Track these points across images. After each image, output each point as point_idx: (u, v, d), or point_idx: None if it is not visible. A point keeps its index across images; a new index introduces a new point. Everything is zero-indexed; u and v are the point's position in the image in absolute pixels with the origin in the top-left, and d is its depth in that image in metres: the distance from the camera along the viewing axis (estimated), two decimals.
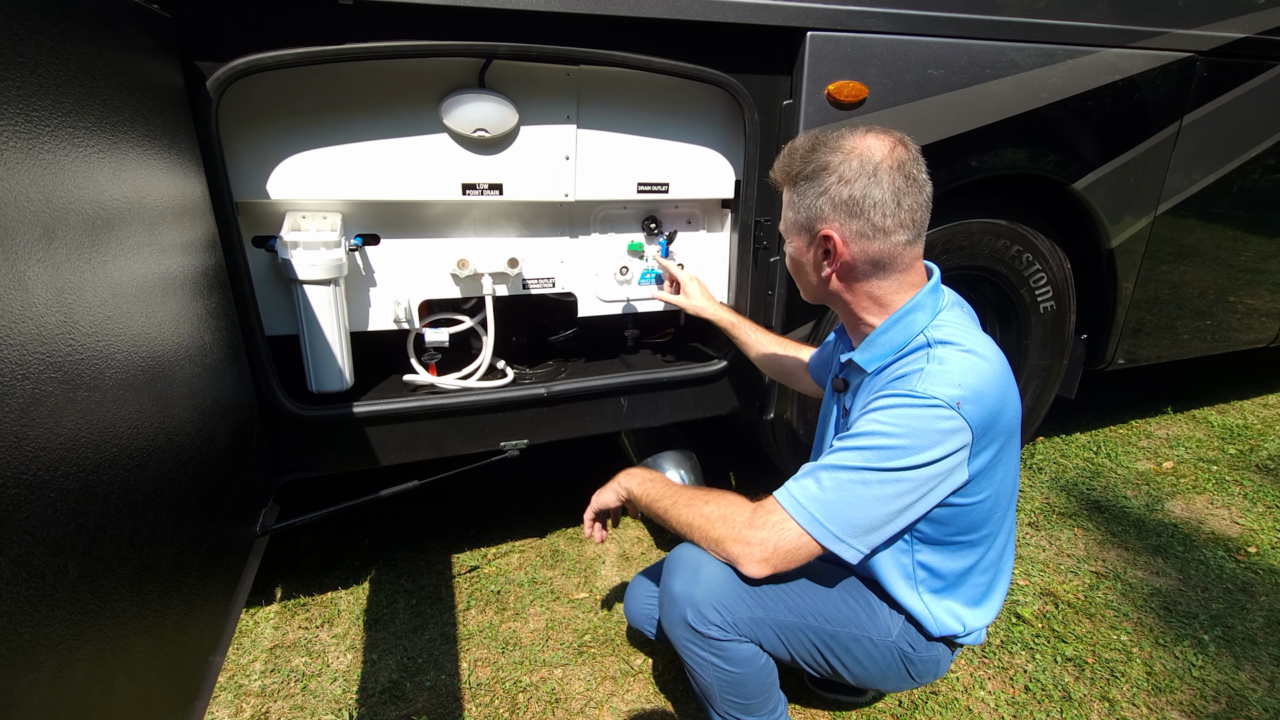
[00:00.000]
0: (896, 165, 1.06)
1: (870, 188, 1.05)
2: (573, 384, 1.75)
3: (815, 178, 1.09)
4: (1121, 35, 1.85)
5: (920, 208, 1.08)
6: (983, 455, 1.09)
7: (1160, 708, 1.55)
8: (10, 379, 0.60)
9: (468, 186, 1.55)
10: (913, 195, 1.07)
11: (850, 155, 1.07)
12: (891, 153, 1.06)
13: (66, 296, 0.72)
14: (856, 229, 1.08)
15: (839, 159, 1.07)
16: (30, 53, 0.71)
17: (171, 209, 1.07)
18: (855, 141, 1.08)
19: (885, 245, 1.09)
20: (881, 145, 1.07)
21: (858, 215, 1.07)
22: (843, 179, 1.06)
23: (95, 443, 0.74)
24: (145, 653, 0.81)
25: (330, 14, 1.26)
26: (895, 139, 1.08)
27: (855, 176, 1.06)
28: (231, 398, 1.27)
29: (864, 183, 1.05)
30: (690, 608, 1.18)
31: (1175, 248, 2.26)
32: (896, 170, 1.06)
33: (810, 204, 1.11)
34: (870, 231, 1.07)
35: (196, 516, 1.02)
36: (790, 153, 1.15)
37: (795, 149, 1.14)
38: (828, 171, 1.08)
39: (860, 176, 1.05)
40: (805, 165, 1.10)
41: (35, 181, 0.69)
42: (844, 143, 1.09)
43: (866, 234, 1.08)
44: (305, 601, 1.89)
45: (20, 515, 0.60)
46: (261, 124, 1.38)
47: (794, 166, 1.13)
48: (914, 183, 1.07)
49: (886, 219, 1.06)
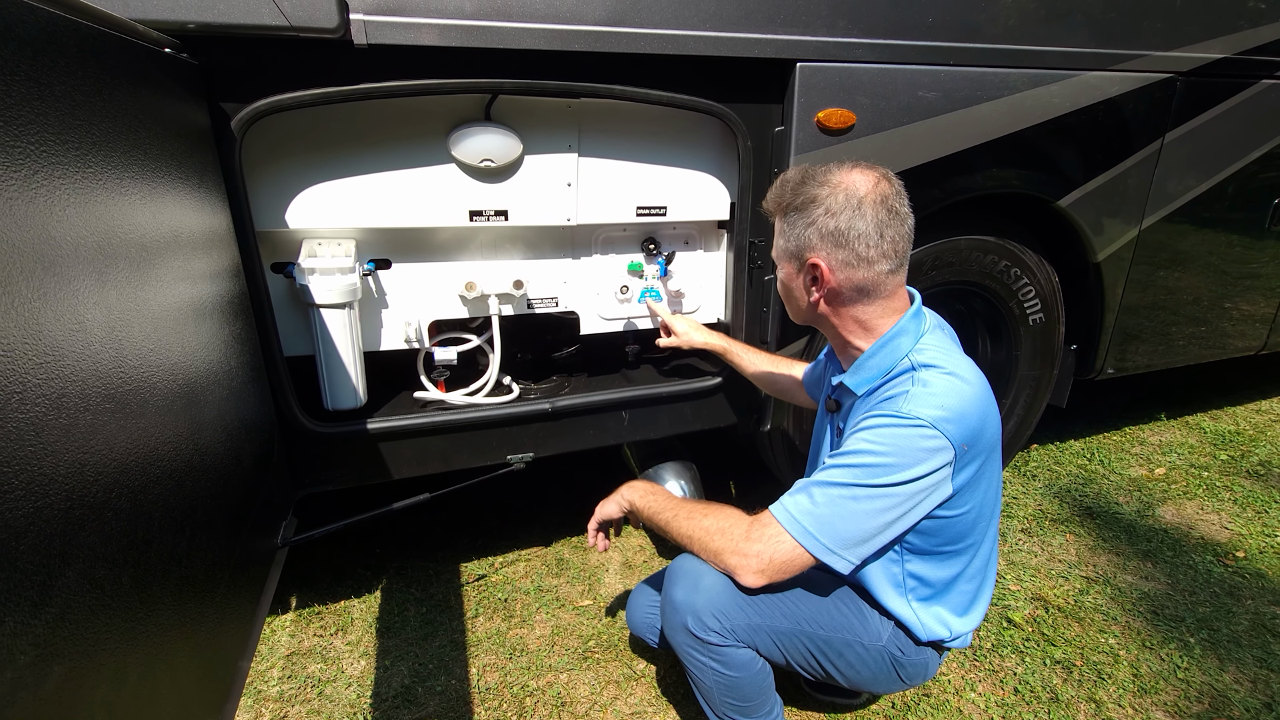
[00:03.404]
0: (880, 199, 1.13)
1: (855, 220, 1.13)
2: (576, 399, 1.82)
3: (804, 209, 1.17)
4: (1103, 58, 1.92)
5: (902, 239, 1.16)
6: (965, 471, 1.16)
7: (1145, 708, 1.61)
8: (74, 411, 0.68)
9: (475, 213, 1.63)
10: (895, 227, 1.14)
11: (836, 189, 1.14)
12: (875, 187, 1.14)
13: (117, 333, 0.80)
14: (842, 258, 1.15)
15: (826, 192, 1.15)
16: (85, 114, 0.79)
17: (202, 243, 1.15)
18: (841, 176, 1.16)
19: (869, 274, 1.16)
20: (866, 180, 1.14)
21: (843, 245, 1.14)
22: (829, 211, 1.14)
23: (141, 465, 0.82)
24: (185, 657, 0.89)
25: (346, 56, 1.34)
26: (879, 174, 1.16)
27: (841, 209, 1.13)
28: (254, 417, 1.35)
29: (849, 215, 1.13)
30: (691, 615, 1.25)
31: (1160, 260, 2.32)
32: (880, 204, 1.13)
33: (799, 234, 1.18)
34: (855, 261, 1.15)
35: (226, 530, 1.10)
36: (781, 184, 1.22)
37: (786, 181, 1.22)
38: (815, 204, 1.15)
39: (845, 210, 1.13)
40: (795, 197, 1.18)
41: (91, 231, 0.77)
42: (831, 177, 1.16)
43: (851, 263, 1.15)
44: (320, 610, 1.96)
45: (84, 533, 0.67)
46: (281, 158, 1.47)
47: (784, 198, 1.20)
48: (896, 215, 1.15)
49: (870, 249, 1.14)
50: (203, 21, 1.19)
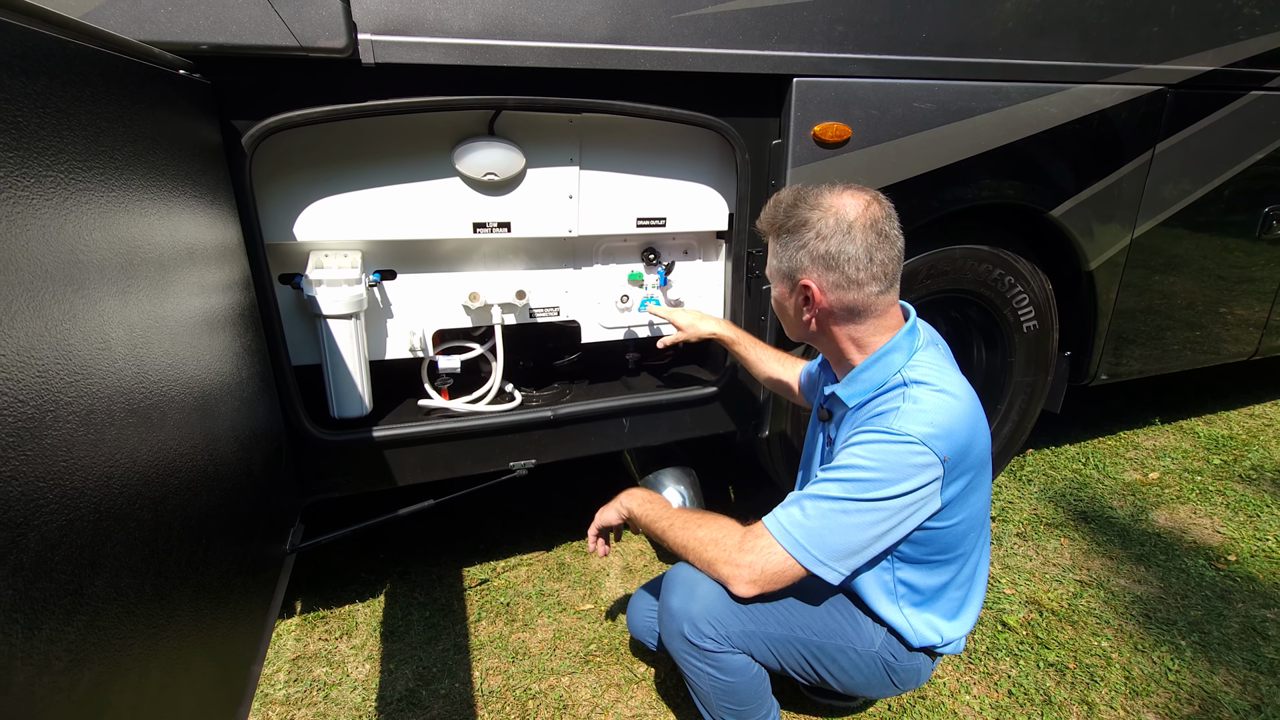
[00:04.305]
0: (870, 223, 1.16)
1: (844, 244, 1.16)
2: (577, 406, 1.85)
3: (796, 232, 1.20)
4: (1094, 72, 1.96)
5: (891, 261, 1.19)
6: (955, 485, 1.19)
7: (1137, 710, 1.64)
8: (101, 426, 0.71)
9: (478, 225, 1.66)
10: (884, 250, 1.17)
11: (827, 213, 1.17)
12: (865, 211, 1.17)
13: (139, 349, 0.83)
14: (833, 280, 1.19)
15: (817, 216, 1.18)
16: (109, 140, 0.82)
17: (214, 257, 1.19)
18: (832, 200, 1.19)
19: (859, 295, 1.19)
20: (856, 204, 1.17)
21: (833, 268, 1.17)
22: (820, 235, 1.17)
23: (161, 476, 0.85)
24: (202, 661, 0.92)
25: (354, 75, 1.37)
26: (869, 197, 1.19)
27: (831, 233, 1.16)
28: (264, 426, 1.38)
29: (839, 239, 1.16)
30: (687, 622, 1.28)
31: (1152, 268, 2.36)
32: (869, 228, 1.16)
33: (791, 255, 1.21)
34: (845, 283, 1.18)
35: (239, 538, 1.13)
36: (775, 205, 1.25)
37: (780, 202, 1.25)
38: (807, 227, 1.18)
39: (836, 234, 1.16)
40: (788, 219, 1.21)
41: (115, 253, 0.80)
42: (822, 200, 1.19)
43: (842, 285, 1.18)
44: (325, 615, 1.99)
45: (110, 544, 0.70)
46: (290, 173, 1.50)
47: (778, 219, 1.24)
48: (886, 238, 1.17)
49: (860, 272, 1.17)
50: (215, 43, 1.23)
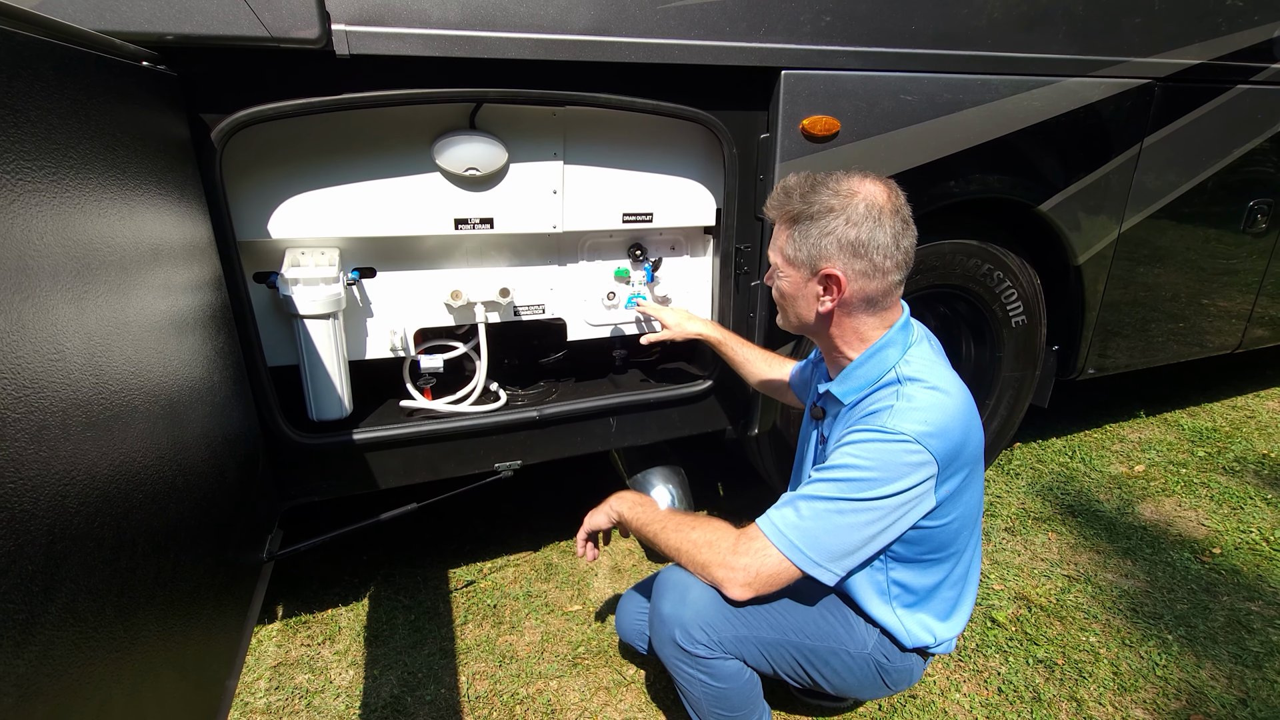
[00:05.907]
0: (895, 210, 1.14)
1: (875, 231, 1.13)
2: (563, 406, 1.82)
3: (819, 218, 1.15)
4: (1083, 65, 1.94)
5: (912, 248, 1.17)
6: (948, 483, 1.17)
7: (1125, 706, 1.64)
8: (54, 442, 0.67)
9: (460, 221, 1.62)
10: (909, 237, 1.16)
11: (854, 199, 1.14)
12: (891, 198, 1.15)
13: (97, 358, 0.79)
14: (859, 268, 1.15)
15: (842, 202, 1.14)
16: (62, 137, 0.78)
17: (182, 256, 1.14)
18: (856, 185, 1.15)
19: (882, 284, 1.17)
20: (880, 190, 1.15)
21: (861, 256, 1.14)
22: (850, 221, 1.13)
23: (124, 491, 0.81)
24: (171, 682, 0.88)
25: (328, 66, 1.32)
26: (889, 184, 1.17)
27: (862, 219, 1.13)
28: (238, 431, 1.33)
29: (870, 226, 1.13)
30: (678, 628, 1.26)
31: (1139, 262, 2.36)
32: (895, 214, 1.14)
33: (815, 243, 1.16)
34: (871, 271, 1.15)
35: (211, 549, 1.09)
36: (787, 192, 1.20)
37: (792, 189, 1.19)
38: (833, 214, 1.14)
39: (867, 220, 1.13)
40: (807, 206, 1.16)
41: (70, 257, 0.75)
42: (843, 186, 1.15)
43: (867, 273, 1.15)
44: (306, 619, 1.95)
45: (67, 566, 0.66)
46: (263, 168, 1.45)
47: (793, 206, 1.18)
48: (908, 226, 1.16)
49: (886, 260, 1.14)
50: (181, 33, 1.17)
